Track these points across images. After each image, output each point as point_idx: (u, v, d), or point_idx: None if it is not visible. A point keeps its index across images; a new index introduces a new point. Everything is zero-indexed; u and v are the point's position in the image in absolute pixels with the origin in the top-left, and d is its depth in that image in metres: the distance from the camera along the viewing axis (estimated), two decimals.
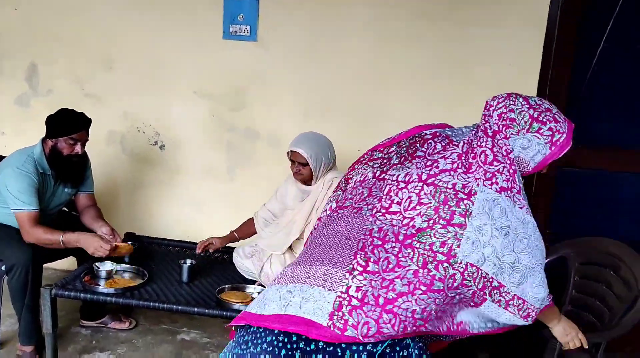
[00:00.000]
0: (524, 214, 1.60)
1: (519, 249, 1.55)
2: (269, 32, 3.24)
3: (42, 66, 3.50)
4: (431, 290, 1.52)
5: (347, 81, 3.25)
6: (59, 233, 2.59)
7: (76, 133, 2.65)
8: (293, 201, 2.77)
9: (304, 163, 2.59)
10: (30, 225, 2.57)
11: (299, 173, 2.65)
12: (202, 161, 3.48)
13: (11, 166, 2.61)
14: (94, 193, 2.98)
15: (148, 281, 2.63)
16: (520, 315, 1.60)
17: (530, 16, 3.01)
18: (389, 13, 3.15)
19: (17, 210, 2.58)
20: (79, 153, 2.69)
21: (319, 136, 2.69)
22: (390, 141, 1.88)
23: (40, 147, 2.69)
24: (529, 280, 1.57)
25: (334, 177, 2.64)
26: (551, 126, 1.65)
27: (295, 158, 2.62)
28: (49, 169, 2.69)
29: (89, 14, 3.39)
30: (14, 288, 2.55)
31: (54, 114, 2.69)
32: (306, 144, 2.61)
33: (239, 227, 2.94)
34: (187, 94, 3.39)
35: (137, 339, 2.96)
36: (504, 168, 1.63)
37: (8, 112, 3.57)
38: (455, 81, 3.16)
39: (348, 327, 1.48)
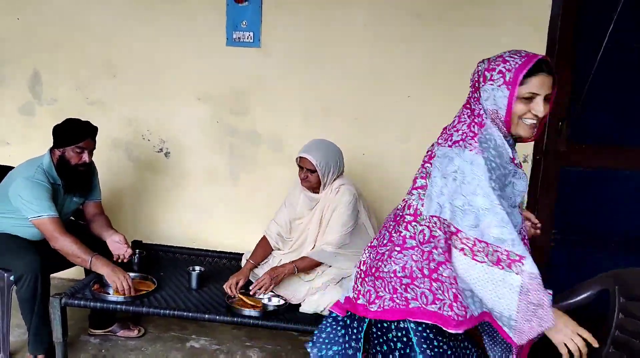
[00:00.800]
0: (473, 155, 1.56)
1: (467, 191, 1.53)
2: (272, 38, 3.26)
3: (46, 74, 3.50)
4: (404, 248, 1.60)
5: (348, 84, 3.27)
6: (89, 253, 2.57)
7: (82, 142, 2.66)
8: (302, 209, 2.77)
9: (312, 169, 2.60)
10: (59, 232, 2.56)
11: (306, 180, 2.65)
12: (206, 167, 3.49)
13: (22, 176, 2.61)
14: (101, 201, 2.98)
15: (157, 289, 2.64)
16: (491, 261, 1.50)
17: (531, 17, 3.03)
18: (385, 14, 3.17)
19: (37, 217, 2.57)
20: (87, 162, 2.70)
21: (329, 144, 2.69)
22: None
23: (49, 157, 2.69)
24: (484, 220, 1.51)
25: (341, 184, 2.65)
26: (500, 69, 1.62)
27: (304, 164, 2.62)
28: (59, 179, 2.70)
29: (91, 21, 3.40)
30: (23, 297, 2.54)
31: (60, 124, 2.70)
32: (315, 151, 2.61)
33: (254, 253, 2.84)
34: (190, 101, 3.40)
35: (147, 347, 2.96)
36: (463, 124, 1.68)
37: (12, 121, 3.57)
38: (454, 82, 3.14)
39: (360, 295, 1.67)
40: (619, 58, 3.03)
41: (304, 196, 2.76)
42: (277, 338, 3.10)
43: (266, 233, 2.87)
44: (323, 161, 2.60)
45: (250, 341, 3.07)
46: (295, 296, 2.56)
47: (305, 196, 2.75)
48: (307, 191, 2.73)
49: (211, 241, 3.45)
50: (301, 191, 2.77)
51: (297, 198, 2.80)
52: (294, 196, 2.82)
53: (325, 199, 2.67)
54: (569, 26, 3.03)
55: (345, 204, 2.61)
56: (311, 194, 2.73)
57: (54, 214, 2.59)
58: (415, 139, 3.25)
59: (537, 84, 1.58)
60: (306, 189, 2.73)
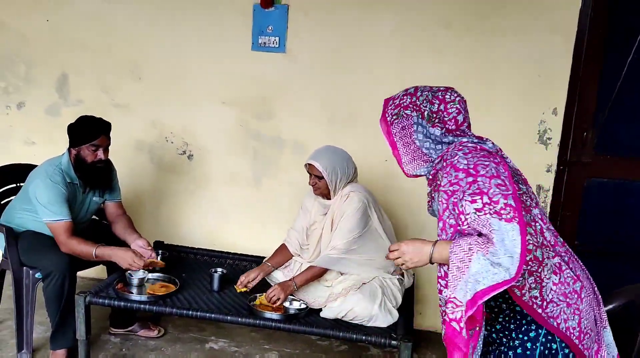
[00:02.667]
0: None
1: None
2: (297, 43, 3.27)
3: (73, 76, 3.55)
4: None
5: (373, 90, 3.26)
6: (92, 246, 2.62)
7: (96, 139, 2.67)
8: (315, 215, 2.79)
9: (320, 176, 2.60)
10: (65, 236, 2.61)
11: (315, 186, 2.66)
12: (229, 170, 3.51)
13: (40, 177, 2.65)
14: (121, 201, 3.00)
15: (179, 290, 2.65)
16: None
17: (559, 26, 3.01)
18: (414, 23, 3.17)
19: (49, 221, 2.62)
20: (102, 159, 2.71)
21: (336, 150, 2.69)
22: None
23: (67, 156, 2.73)
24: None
25: (351, 191, 2.64)
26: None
27: (311, 170, 2.64)
28: (77, 178, 2.73)
29: (118, 24, 3.45)
30: (50, 295, 2.58)
31: (74, 123, 2.72)
32: (322, 157, 2.62)
33: (272, 256, 2.85)
34: (215, 104, 3.43)
35: (166, 347, 2.97)
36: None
37: (39, 121, 3.62)
38: (481, 91, 3.16)
39: None
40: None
41: (317, 203, 2.77)
42: (295, 341, 3.10)
43: (286, 241, 2.88)
44: (330, 167, 2.60)
45: (268, 344, 3.07)
46: (317, 301, 2.57)
47: (318, 203, 2.76)
48: (319, 197, 2.74)
49: (232, 244, 3.46)
50: (315, 197, 2.78)
51: (311, 204, 2.82)
52: (309, 202, 2.84)
53: (335, 205, 2.67)
54: (596, 37, 3.01)
55: (353, 210, 2.60)
56: (323, 200, 2.73)
57: (66, 218, 2.62)
58: None
59: None
60: (319, 196, 2.74)
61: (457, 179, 1.53)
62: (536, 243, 1.51)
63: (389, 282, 2.61)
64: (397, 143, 1.74)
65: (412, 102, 1.72)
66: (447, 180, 1.57)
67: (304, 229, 2.85)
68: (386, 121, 1.76)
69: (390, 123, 1.74)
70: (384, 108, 1.79)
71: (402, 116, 1.73)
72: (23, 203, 2.74)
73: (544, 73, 3.07)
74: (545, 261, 1.56)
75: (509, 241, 1.42)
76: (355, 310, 2.43)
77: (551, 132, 3.12)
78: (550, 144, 3.13)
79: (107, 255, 2.64)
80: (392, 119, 1.74)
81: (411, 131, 1.71)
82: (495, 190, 1.47)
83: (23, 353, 2.76)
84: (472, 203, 1.47)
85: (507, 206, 1.45)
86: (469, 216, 1.48)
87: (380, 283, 2.56)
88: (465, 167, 1.54)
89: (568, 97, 3.08)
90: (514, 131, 3.14)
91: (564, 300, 1.59)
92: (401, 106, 1.73)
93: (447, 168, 1.58)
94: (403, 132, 1.73)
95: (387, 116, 1.75)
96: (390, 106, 1.76)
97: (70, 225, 2.64)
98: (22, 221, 2.76)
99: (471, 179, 1.50)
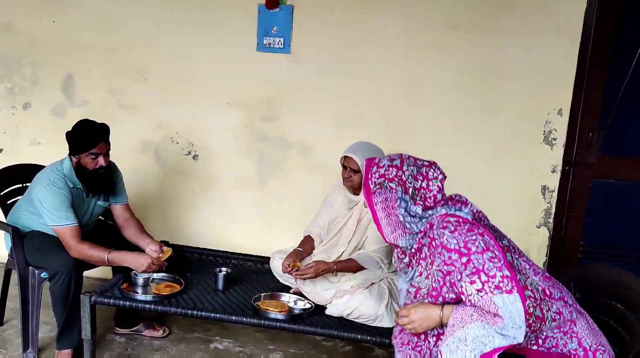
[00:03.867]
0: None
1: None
2: (302, 44, 3.28)
3: (78, 77, 3.57)
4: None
5: (378, 91, 3.28)
6: (104, 251, 2.60)
7: (95, 147, 2.61)
8: (339, 209, 2.78)
9: (356, 169, 2.59)
10: (75, 241, 2.58)
11: (349, 179, 2.64)
12: (234, 171, 3.51)
13: (42, 182, 2.62)
14: (128, 204, 2.97)
15: (184, 290, 2.65)
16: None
17: (565, 26, 3.01)
18: (419, 23, 3.17)
19: (56, 226, 2.60)
20: (104, 165, 2.67)
21: (373, 146, 2.68)
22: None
23: (69, 161, 2.69)
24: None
25: None
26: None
27: (348, 163, 2.62)
28: (79, 183, 2.70)
29: (124, 25, 3.46)
30: (56, 294, 2.58)
31: (71, 130, 2.66)
32: (361, 151, 2.59)
33: (301, 244, 2.83)
34: (220, 105, 3.44)
35: (171, 347, 2.98)
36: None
37: (44, 122, 3.64)
38: (486, 92, 3.16)
39: None
40: None
41: (343, 197, 2.77)
42: (299, 341, 3.10)
43: (310, 232, 2.87)
44: None
45: (273, 344, 3.07)
46: (323, 297, 2.56)
47: (345, 197, 2.76)
48: (347, 191, 2.74)
49: (237, 245, 3.47)
50: (340, 191, 2.78)
51: (335, 198, 2.82)
52: (333, 196, 2.84)
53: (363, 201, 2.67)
54: (602, 37, 3.01)
55: None
56: (351, 195, 2.73)
57: (72, 223, 2.60)
58: (445, 148, 3.24)
59: None
60: (346, 190, 2.73)
61: (451, 260, 1.61)
62: (534, 303, 1.59)
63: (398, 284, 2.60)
64: (378, 212, 1.77)
65: (398, 176, 1.75)
66: (440, 260, 1.65)
67: (326, 224, 2.85)
68: (368, 187, 1.78)
69: (373, 192, 1.77)
70: (366, 170, 1.81)
71: (385, 188, 1.76)
72: (28, 205, 2.73)
73: (549, 73, 3.06)
74: (545, 315, 1.63)
75: (515, 312, 1.53)
76: (361, 309, 2.43)
77: (556, 132, 3.11)
78: (556, 144, 3.13)
79: (120, 260, 2.61)
80: (375, 188, 1.77)
81: (394, 205, 1.75)
82: (489, 265, 1.57)
83: (28, 353, 2.76)
84: (471, 284, 1.57)
85: (504, 277, 1.56)
86: (472, 297, 1.57)
87: (388, 285, 2.56)
88: (457, 247, 1.62)
89: (573, 97, 3.07)
90: (519, 131, 3.14)
91: (558, 332, 1.68)
92: (386, 177, 1.76)
93: (437, 248, 1.66)
94: (386, 204, 1.77)
95: (369, 183, 1.78)
96: (374, 173, 1.78)
97: (78, 229, 2.62)
98: (27, 222, 2.77)
99: (465, 260, 1.59)
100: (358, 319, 2.45)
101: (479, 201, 3.25)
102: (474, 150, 3.21)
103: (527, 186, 3.21)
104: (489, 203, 3.21)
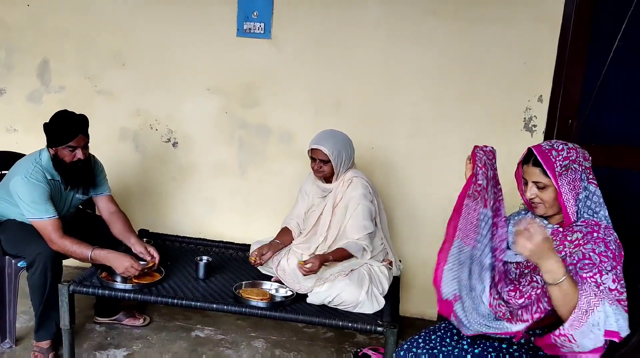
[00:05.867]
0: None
1: None
2: (283, 30, 3.25)
3: (54, 62, 3.50)
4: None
5: (359, 78, 3.26)
6: (87, 248, 2.55)
7: (73, 140, 2.55)
8: (313, 198, 2.80)
9: (326, 160, 2.61)
10: (57, 235, 2.53)
11: (320, 171, 2.65)
12: (214, 158, 3.48)
13: (20, 174, 2.55)
14: (111, 195, 2.90)
15: (164, 278, 2.64)
16: None
17: (545, 14, 3.01)
18: (399, 11, 3.15)
19: (35, 219, 2.55)
20: (82, 158, 2.60)
21: (339, 134, 2.70)
22: None
23: (47, 154, 2.62)
24: None
25: (354, 176, 2.66)
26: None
27: (316, 155, 2.62)
28: (57, 175, 2.64)
29: (101, 9, 3.39)
30: (34, 284, 2.54)
31: (49, 122, 2.59)
32: (328, 141, 2.61)
33: (279, 236, 2.85)
34: (199, 91, 3.40)
35: (152, 336, 2.96)
36: None
37: (20, 109, 3.57)
38: (466, 79, 3.16)
39: None
40: (631, 57, 3.02)
41: (316, 186, 2.78)
42: (281, 329, 3.10)
43: (287, 224, 2.88)
44: (335, 151, 2.61)
45: (255, 331, 3.07)
46: (303, 286, 2.56)
47: (317, 186, 2.77)
48: (318, 181, 2.75)
49: (218, 233, 3.45)
50: (313, 181, 2.79)
51: (309, 187, 2.83)
52: (307, 185, 2.85)
53: (337, 189, 2.68)
54: (581, 25, 3.02)
55: (360, 197, 2.63)
56: (323, 184, 2.74)
57: (51, 216, 2.55)
58: (425, 135, 3.24)
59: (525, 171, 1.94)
60: (318, 180, 2.74)
61: (607, 257, 1.72)
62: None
63: (377, 270, 2.61)
64: (565, 194, 1.83)
65: (577, 157, 1.85)
66: (597, 248, 1.74)
67: (303, 214, 2.87)
68: (553, 172, 1.83)
69: (559, 174, 1.83)
70: (544, 157, 1.85)
71: (571, 169, 1.84)
72: (4, 194, 2.66)
73: (529, 60, 3.07)
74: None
75: (622, 318, 1.62)
76: (342, 296, 2.43)
77: (536, 119, 3.13)
78: (536, 131, 3.15)
79: (103, 258, 2.55)
80: (562, 170, 1.83)
81: (579, 184, 1.85)
82: (623, 281, 1.70)
83: (6, 343, 2.73)
84: (612, 282, 1.67)
85: (626, 300, 1.67)
86: (604, 290, 1.64)
87: (368, 271, 2.57)
88: (611, 255, 1.73)
89: (553, 85, 3.09)
90: (499, 117, 3.16)
91: None
92: (570, 159, 1.84)
93: (598, 239, 1.76)
94: (573, 184, 1.84)
95: (554, 167, 1.83)
96: (556, 157, 1.84)
97: (59, 223, 2.56)
98: (4, 211, 2.71)
99: (615, 264, 1.71)
100: (339, 306, 2.45)
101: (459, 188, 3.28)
102: (454, 137, 3.22)
103: (507, 172, 3.21)
104: None
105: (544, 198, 1.87)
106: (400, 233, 3.36)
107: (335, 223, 2.69)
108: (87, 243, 2.57)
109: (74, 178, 2.67)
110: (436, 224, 3.32)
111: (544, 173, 1.84)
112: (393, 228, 3.29)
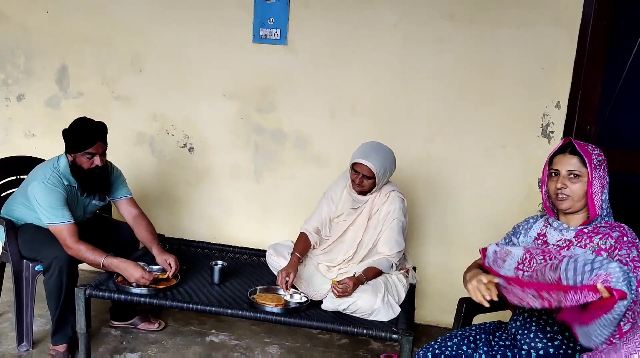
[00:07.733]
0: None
1: None
2: (298, 35, 3.25)
3: (73, 67, 3.54)
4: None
5: (374, 82, 3.25)
6: (100, 255, 2.57)
7: (91, 147, 2.58)
8: (343, 207, 2.71)
9: (370, 176, 2.52)
10: (72, 240, 2.55)
11: (360, 185, 2.56)
12: (230, 163, 3.49)
13: (38, 179, 2.59)
14: (132, 198, 2.91)
15: (180, 283, 2.64)
16: None
17: (563, 18, 2.98)
18: (415, 14, 3.13)
19: (52, 224, 2.57)
20: (99, 165, 2.63)
21: (385, 149, 2.59)
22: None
23: (65, 159, 2.66)
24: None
25: (392, 190, 2.62)
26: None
27: (361, 170, 2.52)
28: (75, 181, 2.67)
29: (118, 16, 3.43)
30: (50, 287, 2.57)
31: (68, 128, 2.63)
32: (376, 158, 2.51)
33: (296, 246, 2.71)
34: (215, 97, 3.41)
35: (167, 340, 2.97)
36: None
37: (39, 114, 3.61)
38: (483, 83, 3.14)
39: None
40: None
41: (348, 195, 2.68)
42: (295, 335, 3.09)
43: (305, 230, 2.77)
44: (382, 169, 2.52)
45: (269, 337, 3.07)
46: (318, 292, 2.55)
47: (350, 196, 2.67)
48: (354, 192, 2.64)
49: (233, 237, 3.46)
50: (343, 188, 2.71)
51: (338, 194, 2.73)
52: (335, 192, 2.75)
53: (373, 203, 2.61)
54: (601, 29, 2.98)
55: (397, 211, 2.58)
56: (358, 196, 2.64)
57: (67, 221, 2.57)
58: (441, 139, 3.22)
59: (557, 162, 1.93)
60: (354, 191, 2.64)
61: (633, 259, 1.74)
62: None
63: (394, 278, 2.59)
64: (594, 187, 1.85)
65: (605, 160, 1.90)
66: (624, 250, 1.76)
67: (327, 220, 2.77)
68: (591, 162, 1.86)
69: (595, 166, 1.86)
70: (582, 147, 1.88)
71: (603, 169, 1.88)
72: (23, 198, 2.70)
73: (547, 65, 3.04)
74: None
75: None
76: (358, 303, 2.41)
77: (554, 125, 3.10)
78: (553, 137, 3.11)
79: (115, 266, 2.57)
80: (597, 164, 1.87)
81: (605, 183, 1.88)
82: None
83: (23, 346, 2.76)
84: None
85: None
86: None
87: (384, 279, 2.54)
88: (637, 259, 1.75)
89: (571, 90, 3.05)
90: (516, 123, 3.12)
91: None
92: (604, 160, 1.89)
93: (626, 243, 1.78)
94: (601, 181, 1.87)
95: (592, 158, 1.86)
96: (592, 151, 1.88)
97: (75, 228, 2.59)
98: (21, 215, 2.74)
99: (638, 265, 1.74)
100: (354, 313, 2.43)
101: (475, 193, 3.25)
102: (470, 142, 3.19)
103: (524, 178, 3.19)
104: (485, 194, 3.22)
105: (573, 189, 1.87)
106: (415, 238, 3.34)
107: (369, 236, 2.63)
108: (101, 250, 2.59)
109: (91, 184, 2.70)
110: (452, 229, 3.31)
111: (581, 162, 1.86)
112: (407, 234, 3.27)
